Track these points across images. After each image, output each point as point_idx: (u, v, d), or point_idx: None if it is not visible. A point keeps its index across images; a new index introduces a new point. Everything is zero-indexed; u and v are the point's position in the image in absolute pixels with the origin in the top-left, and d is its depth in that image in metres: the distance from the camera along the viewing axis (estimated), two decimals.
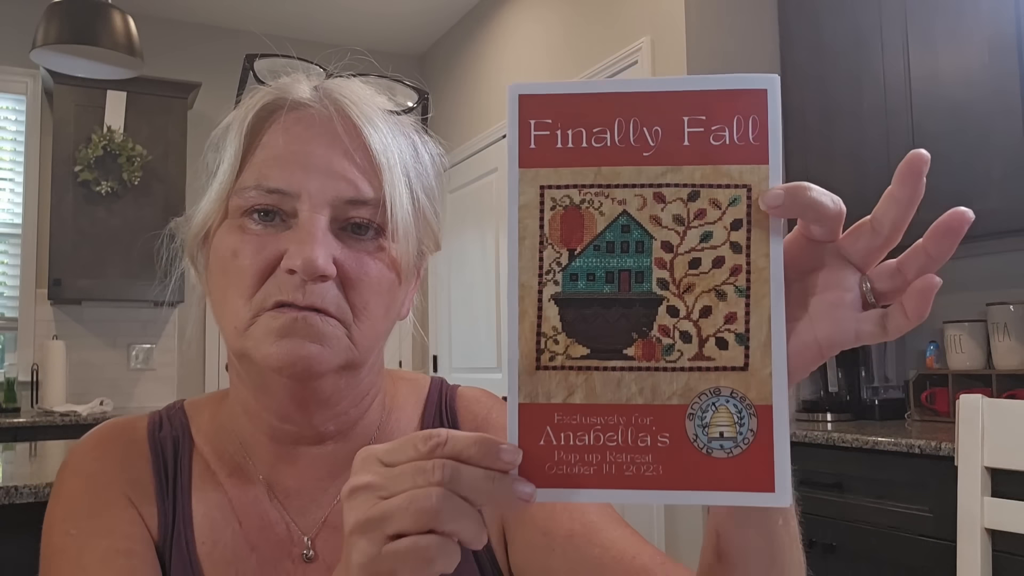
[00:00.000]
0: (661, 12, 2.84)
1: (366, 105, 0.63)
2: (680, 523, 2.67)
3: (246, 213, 0.61)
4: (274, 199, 0.60)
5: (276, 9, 4.32)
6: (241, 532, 0.66)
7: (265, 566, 0.65)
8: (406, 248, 0.63)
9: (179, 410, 0.73)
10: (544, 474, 0.43)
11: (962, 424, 1.26)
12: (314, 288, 0.59)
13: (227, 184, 0.62)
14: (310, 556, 0.66)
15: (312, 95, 0.63)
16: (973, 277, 2.54)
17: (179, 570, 0.64)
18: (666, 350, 0.43)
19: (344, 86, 0.64)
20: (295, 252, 0.58)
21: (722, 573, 0.53)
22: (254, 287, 0.60)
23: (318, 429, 0.67)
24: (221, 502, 0.67)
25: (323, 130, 0.61)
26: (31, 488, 1.48)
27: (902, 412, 2.58)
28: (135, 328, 4.12)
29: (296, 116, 0.62)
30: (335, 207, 0.60)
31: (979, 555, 1.23)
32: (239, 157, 0.62)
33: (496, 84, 4.00)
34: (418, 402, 0.76)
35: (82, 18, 2.57)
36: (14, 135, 4.04)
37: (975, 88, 2.20)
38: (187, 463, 0.68)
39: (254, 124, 0.62)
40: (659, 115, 0.44)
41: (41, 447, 2.18)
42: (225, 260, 0.61)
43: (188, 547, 0.65)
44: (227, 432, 0.70)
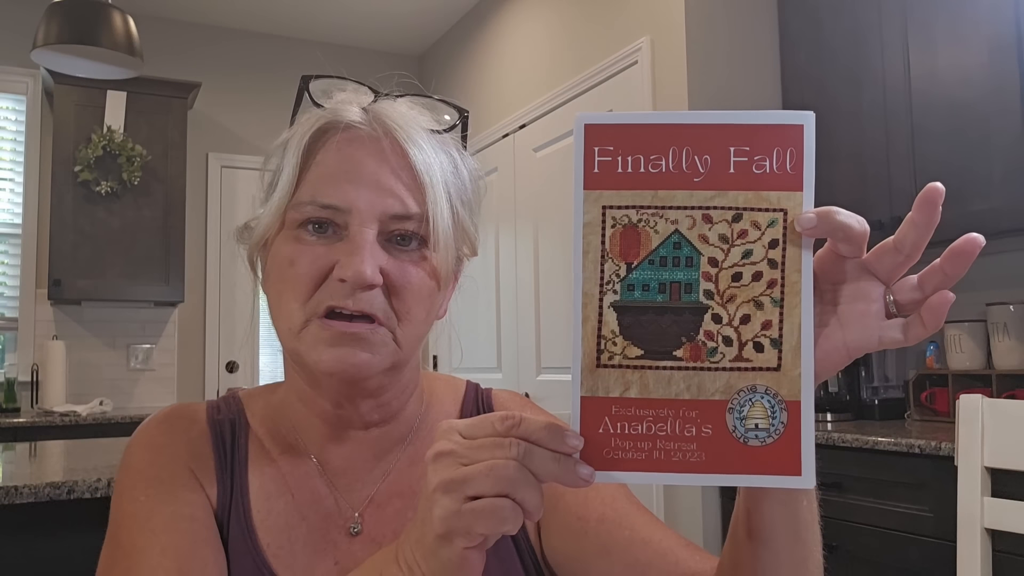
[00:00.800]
0: (661, 12, 2.84)
1: (410, 126, 0.69)
2: (680, 517, 2.67)
3: (302, 225, 0.67)
4: (328, 213, 0.66)
5: (276, 9, 4.32)
6: (293, 503, 0.73)
7: (314, 534, 0.72)
8: (445, 257, 0.70)
9: (234, 397, 0.80)
10: (602, 458, 0.49)
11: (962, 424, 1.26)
12: (363, 295, 0.66)
13: (285, 198, 0.68)
14: (357, 530, 0.73)
15: (362, 117, 0.69)
16: (973, 277, 2.53)
17: (237, 535, 0.70)
18: (710, 352, 0.50)
19: (391, 108, 0.70)
20: (346, 263, 0.65)
21: (751, 548, 0.60)
22: (308, 293, 0.66)
23: (364, 417, 0.74)
24: (275, 476, 0.74)
25: (372, 150, 0.68)
26: (31, 488, 1.48)
27: (902, 412, 2.58)
28: (135, 328, 4.12)
29: (348, 137, 0.68)
30: (382, 221, 0.67)
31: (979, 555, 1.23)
32: (296, 174, 0.68)
33: (496, 84, 4.00)
34: (456, 399, 0.84)
35: (82, 18, 2.57)
36: (14, 135, 4.04)
37: (975, 88, 2.20)
38: (244, 442, 0.75)
39: (310, 144, 0.68)
40: (708, 145, 0.50)
41: (41, 447, 2.18)
42: (282, 267, 0.68)
43: (245, 515, 0.71)
44: (281, 415, 0.77)
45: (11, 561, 1.54)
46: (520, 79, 3.77)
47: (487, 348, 3.93)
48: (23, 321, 3.93)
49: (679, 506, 2.67)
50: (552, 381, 3.38)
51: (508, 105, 3.85)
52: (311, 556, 0.71)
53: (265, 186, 0.72)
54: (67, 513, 1.58)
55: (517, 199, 3.70)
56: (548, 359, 3.42)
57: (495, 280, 3.87)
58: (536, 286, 3.50)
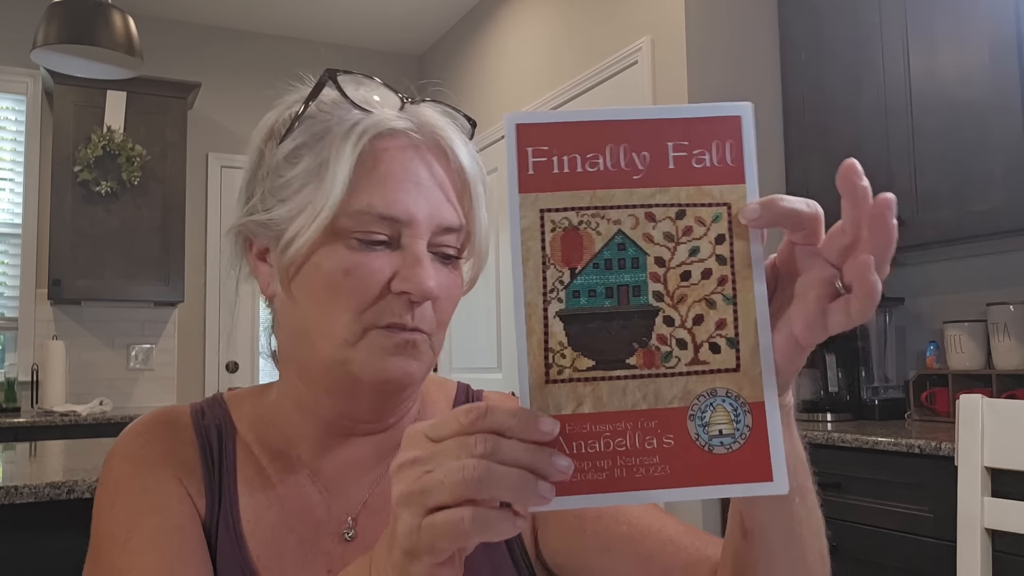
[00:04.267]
0: (661, 12, 2.84)
1: (456, 136, 0.68)
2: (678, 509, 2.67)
3: (355, 235, 0.64)
4: (383, 226, 0.64)
5: (276, 9, 4.32)
6: (283, 512, 0.70)
7: (305, 545, 0.70)
8: (478, 268, 0.71)
9: (219, 401, 0.77)
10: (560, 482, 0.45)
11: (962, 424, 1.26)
12: (420, 310, 0.65)
13: (335, 204, 0.64)
14: (351, 536, 0.71)
15: (409, 123, 0.67)
16: (973, 277, 2.54)
17: (226, 546, 0.68)
18: (665, 357, 0.47)
19: (432, 116, 0.69)
20: (409, 276, 0.64)
21: (747, 548, 0.59)
22: (366, 304, 0.64)
23: (371, 425, 0.72)
24: (264, 484, 0.71)
25: (425, 159, 0.67)
26: (31, 488, 1.48)
27: (902, 412, 2.58)
28: (134, 328, 4.12)
29: (400, 144, 0.66)
30: (432, 232, 0.66)
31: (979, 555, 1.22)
32: (347, 181, 0.64)
33: (496, 84, 4.00)
34: (447, 400, 0.82)
35: (82, 18, 2.57)
36: (14, 135, 4.04)
37: (975, 87, 2.20)
38: (231, 448, 0.73)
39: (364, 149, 0.65)
40: (646, 141, 0.48)
41: (41, 447, 2.18)
42: (334, 277, 0.65)
43: (235, 525, 0.69)
44: (271, 421, 0.74)
45: (11, 561, 1.54)
46: (520, 79, 3.77)
47: (487, 348, 3.93)
48: (23, 321, 3.93)
49: (680, 511, 2.67)
50: None
51: (508, 105, 3.84)
52: (301, 566, 0.69)
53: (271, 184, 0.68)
54: (67, 513, 1.58)
55: None
56: None
57: (495, 280, 3.87)
58: None
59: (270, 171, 0.69)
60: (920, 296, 2.70)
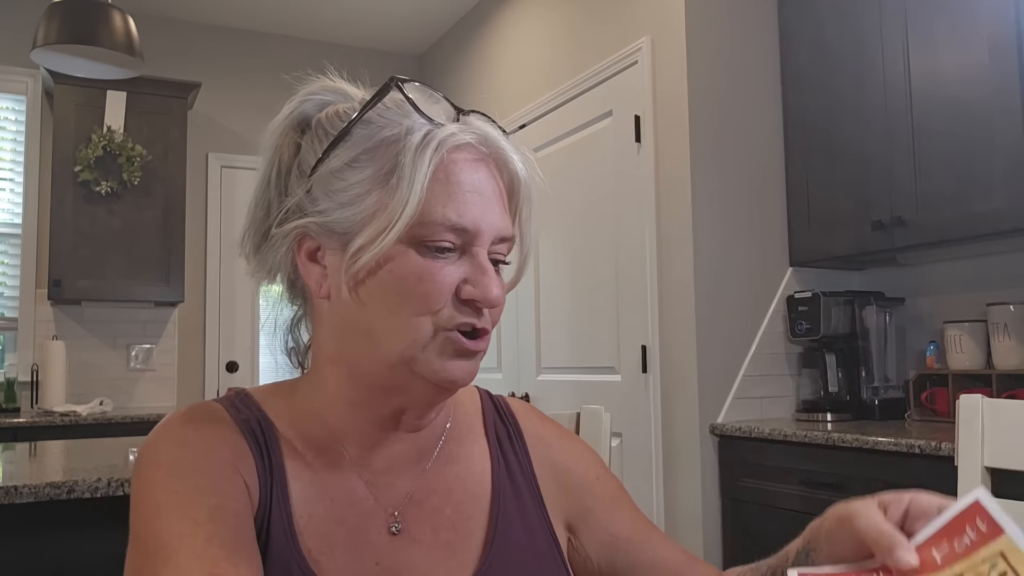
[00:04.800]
0: (661, 12, 2.84)
1: (512, 149, 0.73)
2: (680, 523, 2.67)
3: (427, 242, 0.68)
4: (453, 235, 0.68)
5: (276, 9, 4.32)
6: (332, 507, 0.72)
7: (354, 538, 0.72)
8: (520, 273, 0.77)
9: (246, 397, 0.77)
10: None
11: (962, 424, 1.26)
12: (487, 315, 0.70)
13: (413, 214, 0.66)
14: (398, 529, 0.73)
15: (475, 137, 0.70)
16: (973, 277, 2.54)
17: (280, 539, 0.69)
18: None
19: (487, 128, 0.72)
20: (479, 284, 0.68)
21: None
22: (437, 309, 0.68)
23: (420, 422, 0.76)
24: (312, 480, 0.73)
25: (490, 172, 0.71)
26: (31, 488, 1.48)
27: (902, 412, 2.58)
28: (135, 328, 4.12)
29: (470, 156, 0.70)
30: (492, 242, 0.70)
31: None
32: (422, 191, 0.66)
33: (496, 84, 3.99)
34: (475, 404, 0.87)
35: (82, 18, 2.57)
36: (14, 135, 4.04)
37: (976, 88, 2.20)
38: (276, 443, 0.74)
39: (439, 161, 0.68)
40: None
41: (41, 447, 2.18)
42: (407, 283, 0.68)
43: (287, 519, 0.70)
44: (311, 417, 0.75)
45: (11, 561, 1.54)
46: (520, 79, 3.77)
47: (488, 349, 3.92)
48: (23, 321, 3.93)
49: (680, 512, 2.67)
50: (552, 381, 3.38)
51: (508, 105, 3.84)
52: (351, 559, 0.71)
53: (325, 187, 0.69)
54: (67, 513, 1.58)
55: None
56: (548, 359, 3.42)
57: None
58: (536, 286, 3.50)
59: (325, 172, 0.70)
60: (920, 296, 2.70)
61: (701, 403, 2.61)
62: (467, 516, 0.77)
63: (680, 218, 2.71)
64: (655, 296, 2.80)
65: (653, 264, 2.81)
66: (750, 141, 2.79)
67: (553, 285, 3.40)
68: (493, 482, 0.80)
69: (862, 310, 2.65)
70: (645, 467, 2.81)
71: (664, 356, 2.76)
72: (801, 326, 2.64)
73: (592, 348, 3.13)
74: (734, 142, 2.76)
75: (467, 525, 0.76)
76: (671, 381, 2.73)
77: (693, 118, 2.70)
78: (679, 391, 2.69)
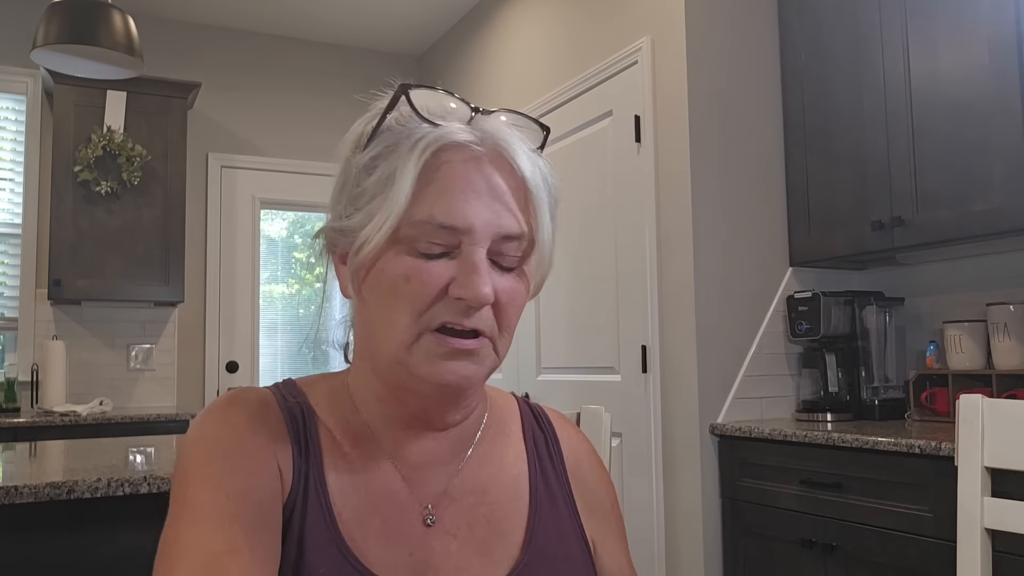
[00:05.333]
0: (661, 12, 2.84)
1: (518, 145, 0.72)
2: (679, 522, 2.67)
3: (417, 243, 0.69)
4: (443, 235, 0.68)
5: (276, 9, 4.32)
6: (368, 497, 0.74)
7: (389, 528, 0.73)
8: (543, 273, 0.74)
9: (293, 385, 0.80)
10: None
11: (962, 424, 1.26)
12: (479, 314, 0.69)
13: (399, 214, 0.68)
14: (432, 521, 0.74)
15: (472, 136, 0.70)
16: (973, 277, 2.54)
17: (319, 523, 0.70)
18: None
19: (498, 127, 0.72)
20: (465, 282, 0.67)
21: None
22: (423, 309, 0.68)
23: (447, 420, 0.77)
24: (348, 469, 0.74)
25: (484, 169, 0.70)
26: (31, 488, 1.48)
27: (902, 412, 2.58)
28: (135, 328, 4.12)
29: (462, 156, 0.70)
30: (493, 240, 0.69)
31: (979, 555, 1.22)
32: (412, 191, 0.68)
33: (496, 84, 4.00)
34: (512, 409, 0.88)
35: (82, 18, 2.57)
36: (14, 135, 4.04)
37: (975, 88, 2.20)
38: (315, 431, 0.76)
39: (427, 162, 0.69)
40: None
41: (41, 447, 2.18)
42: (396, 282, 0.69)
43: (325, 507, 0.71)
44: (350, 409, 0.78)
45: (11, 561, 1.54)
46: (520, 79, 3.77)
47: None
48: (23, 321, 3.93)
49: (680, 512, 2.67)
50: (552, 381, 3.38)
51: (508, 105, 3.84)
52: (386, 548, 0.72)
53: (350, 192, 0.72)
54: (67, 513, 1.58)
55: None
56: (548, 359, 3.42)
57: None
58: None
59: (351, 181, 0.73)
60: (920, 296, 2.70)
61: (701, 403, 2.61)
62: (503, 516, 0.78)
63: (680, 218, 2.71)
64: (655, 296, 2.80)
65: (653, 264, 2.81)
66: (750, 141, 2.79)
67: (553, 285, 3.39)
68: (531, 485, 0.81)
69: (862, 310, 2.65)
70: (645, 467, 2.81)
71: (664, 356, 2.76)
72: (801, 326, 2.65)
73: (592, 348, 3.13)
74: (734, 142, 2.76)
75: (502, 525, 0.77)
76: (671, 381, 2.73)
77: (693, 118, 2.70)
78: (679, 391, 2.69)
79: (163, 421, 3.49)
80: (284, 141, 4.52)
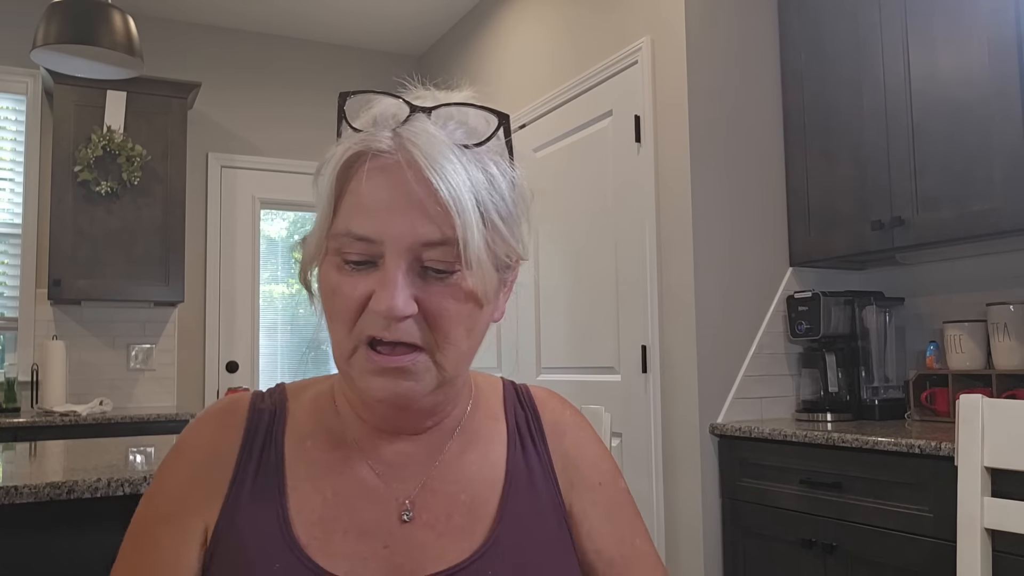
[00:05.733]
0: (661, 12, 2.84)
1: (437, 151, 0.67)
2: (680, 519, 2.67)
3: (342, 254, 0.69)
4: (361, 245, 0.68)
5: (276, 9, 4.32)
6: (336, 498, 0.75)
7: (359, 525, 0.74)
8: (482, 277, 0.69)
9: (280, 389, 0.83)
10: None
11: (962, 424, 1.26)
12: (399, 326, 0.67)
13: (325, 227, 0.70)
14: (409, 517, 0.75)
15: (390, 144, 0.68)
16: (973, 277, 2.54)
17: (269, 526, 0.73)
18: None
19: (421, 131, 0.68)
20: (380, 295, 0.66)
21: None
22: (352, 321, 0.69)
23: (417, 426, 0.78)
24: (317, 472, 0.76)
25: (401, 178, 0.67)
26: (31, 488, 1.48)
27: (902, 412, 2.59)
28: (135, 328, 4.12)
29: (379, 165, 0.68)
30: (413, 250, 0.67)
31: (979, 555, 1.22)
32: (332, 203, 0.69)
33: (496, 85, 3.99)
34: (497, 396, 0.87)
35: (82, 18, 2.57)
36: (14, 135, 4.04)
37: (975, 89, 2.20)
38: (281, 435, 0.78)
39: (343, 172, 0.69)
40: None
41: (41, 447, 2.18)
42: (327, 295, 0.70)
43: (281, 507, 0.73)
44: (331, 411, 0.80)
45: (11, 561, 1.54)
46: (520, 79, 3.77)
47: (487, 348, 3.92)
48: (23, 321, 3.93)
49: (680, 512, 2.67)
50: (552, 381, 3.38)
51: (508, 105, 3.84)
52: (355, 544, 0.73)
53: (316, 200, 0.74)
54: (67, 513, 1.58)
55: None
56: (548, 359, 3.42)
57: None
58: (536, 286, 3.50)
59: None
60: (920, 296, 2.71)
61: (701, 403, 2.61)
62: (482, 500, 0.78)
63: (680, 218, 2.71)
64: (655, 296, 2.80)
65: (653, 264, 2.81)
66: (750, 141, 2.79)
67: (553, 285, 3.40)
68: (508, 466, 0.81)
69: (862, 310, 2.65)
70: (645, 467, 2.81)
71: (664, 356, 2.76)
72: (801, 326, 2.65)
73: (592, 348, 3.13)
74: (734, 142, 2.76)
75: (481, 509, 0.78)
76: (671, 381, 2.73)
77: (693, 118, 2.70)
78: (679, 391, 2.69)
79: (163, 421, 3.49)
80: (284, 141, 4.52)
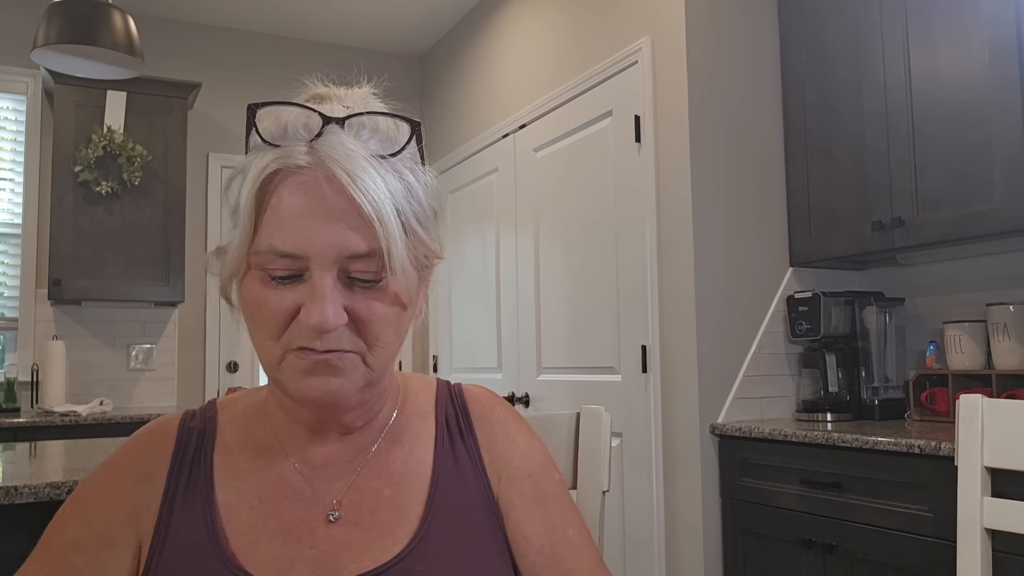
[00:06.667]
0: (661, 12, 2.84)
1: (354, 163, 0.68)
2: (680, 515, 2.67)
3: (266, 268, 0.69)
4: (286, 262, 0.68)
5: (276, 9, 4.32)
6: (260, 505, 0.76)
7: (287, 529, 0.75)
8: (405, 281, 0.71)
9: (211, 405, 0.85)
10: None
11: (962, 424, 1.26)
12: (329, 336, 0.69)
13: (246, 244, 0.70)
14: (335, 517, 0.76)
15: (308, 159, 0.69)
16: (973, 277, 2.54)
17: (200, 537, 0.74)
18: None
19: (337, 146, 0.69)
20: (310, 309, 0.67)
21: None
22: (279, 332, 0.70)
23: (347, 426, 0.79)
24: (245, 481, 0.78)
25: (322, 193, 0.68)
26: (31, 488, 1.48)
27: (902, 412, 2.59)
28: (135, 328, 4.12)
29: (297, 180, 0.69)
30: (339, 262, 0.68)
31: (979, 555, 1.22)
32: (253, 219, 0.69)
33: (496, 84, 4.00)
34: (429, 393, 0.88)
35: (82, 18, 2.57)
36: (14, 135, 4.04)
37: (975, 89, 2.20)
38: (210, 449, 0.80)
39: (261, 188, 0.69)
40: None
41: (41, 447, 2.18)
42: (252, 308, 0.71)
43: (211, 518, 0.75)
44: (260, 419, 0.82)
45: (12, 561, 1.54)
46: (520, 79, 3.77)
47: (487, 348, 3.93)
48: (23, 321, 3.93)
49: (680, 512, 2.67)
50: (552, 381, 3.38)
51: (508, 105, 3.84)
52: (283, 547, 0.74)
53: (230, 212, 0.73)
54: None
55: (517, 199, 3.70)
56: (548, 359, 3.42)
57: (495, 280, 3.87)
58: (536, 286, 3.50)
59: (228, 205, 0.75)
60: (920, 296, 2.71)
61: (701, 403, 2.61)
62: (407, 495, 0.79)
63: (680, 218, 2.71)
64: (655, 296, 2.80)
65: (653, 264, 2.81)
66: (750, 141, 2.79)
67: (553, 285, 3.40)
68: (435, 461, 0.82)
69: (862, 310, 2.65)
70: (645, 467, 2.81)
71: (664, 356, 2.76)
72: (801, 326, 2.65)
73: (592, 348, 3.13)
74: (734, 142, 2.76)
75: (406, 503, 0.78)
76: (671, 381, 2.73)
77: (693, 118, 2.70)
78: (679, 391, 2.69)
79: None
80: None
